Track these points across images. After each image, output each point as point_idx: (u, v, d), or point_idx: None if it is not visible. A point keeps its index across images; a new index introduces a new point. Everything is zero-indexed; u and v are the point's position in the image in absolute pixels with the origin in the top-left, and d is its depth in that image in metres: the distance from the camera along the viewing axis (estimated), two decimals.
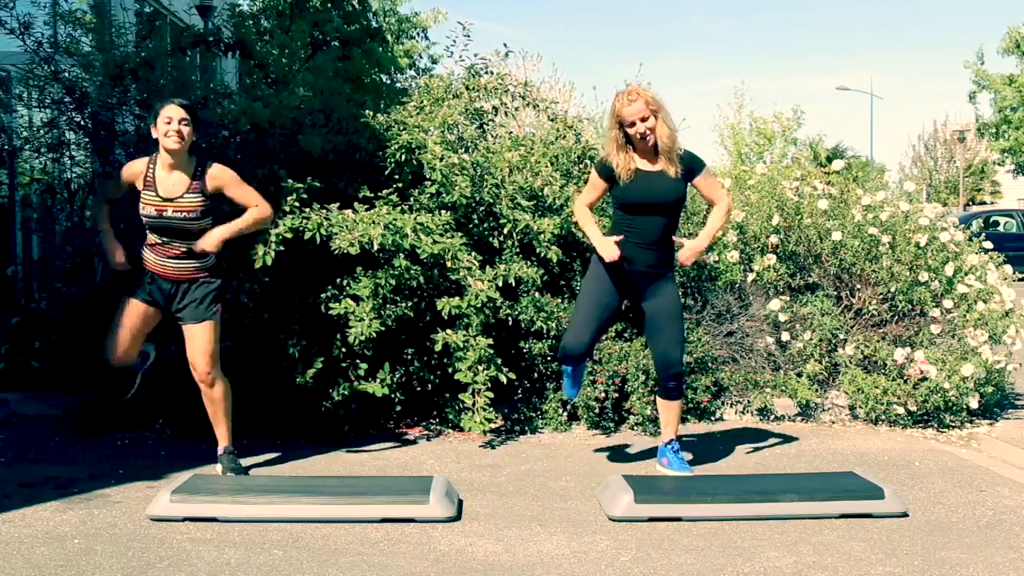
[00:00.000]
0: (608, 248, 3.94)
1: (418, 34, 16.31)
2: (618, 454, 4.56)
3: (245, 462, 4.27)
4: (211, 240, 3.91)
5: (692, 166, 3.98)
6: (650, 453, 4.56)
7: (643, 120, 3.85)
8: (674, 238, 4.07)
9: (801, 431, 5.06)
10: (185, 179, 3.89)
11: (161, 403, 4.92)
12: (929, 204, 5.90)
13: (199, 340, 3.98)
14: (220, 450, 4.09)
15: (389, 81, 13.73)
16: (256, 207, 4.03)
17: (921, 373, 5.08)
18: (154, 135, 3.86)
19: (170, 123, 3.80)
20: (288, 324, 4.79)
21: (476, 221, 5.12)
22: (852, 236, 5.63)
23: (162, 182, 3.88)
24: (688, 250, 4.04)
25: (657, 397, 4.22)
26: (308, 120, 5.21)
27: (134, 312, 3.99)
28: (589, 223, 4.11)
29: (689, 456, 4.30)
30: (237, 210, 4.08)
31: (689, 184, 4.03)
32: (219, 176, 3.95)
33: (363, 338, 4.48)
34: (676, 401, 4.14)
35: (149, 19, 11.13)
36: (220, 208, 4.14)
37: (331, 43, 11.73)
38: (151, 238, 3.96)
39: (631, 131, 3.88)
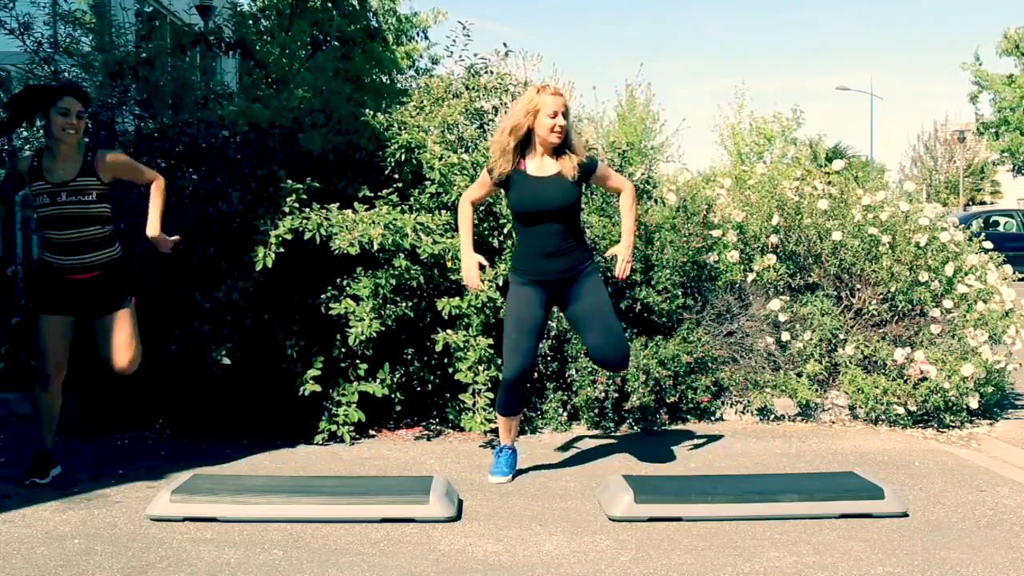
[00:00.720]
0: (469, 277, 3.91)
1: (418, 34, 16.30)
2: (618, 454, 4.56)
3: (245, 462, 4.28)
4: (154, 233, 3.87)
5: (588, 166, 3.86)
6: (650, 453, 4.56)
7: (563, 115, 3.77)
8: (606, 254, 4.00)
9: (801, 431, 5.06)
10: (75, 165, 3.78)
11: (161, 403, 4.92)
12: (929, 204, 5.90)
13: (121, 329, 3.85)
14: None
15: (389, 81, 13.72)
16: (155, 180, 3.97)
17: (921, 373, 5.08)
18: (53, 126, 3.74)
19: (67, 115, 3.72)
20: (288, 324, 4.80)
21: (476, 221, 5.12)
22: (852, 236, 5.63)
23: (50, 171, 3.76)
24: (622, 264, 3.93)
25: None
26: (308, 120, 5.21)
27: (56, 330, 3.84)
28: (465, 230, 3.98)
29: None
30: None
31: (587, 185, 3.96)
32: (113, 157, 3.85)
33: (363, 338, 4.48)
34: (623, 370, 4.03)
35: (149, 19, 11.13)
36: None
37: (331, 43, 11.72)
38: (51, 240, 3.80)
39: (548, 121, 3.74)
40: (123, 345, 3.89)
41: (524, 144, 3.86)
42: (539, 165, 3.85)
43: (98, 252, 3.85)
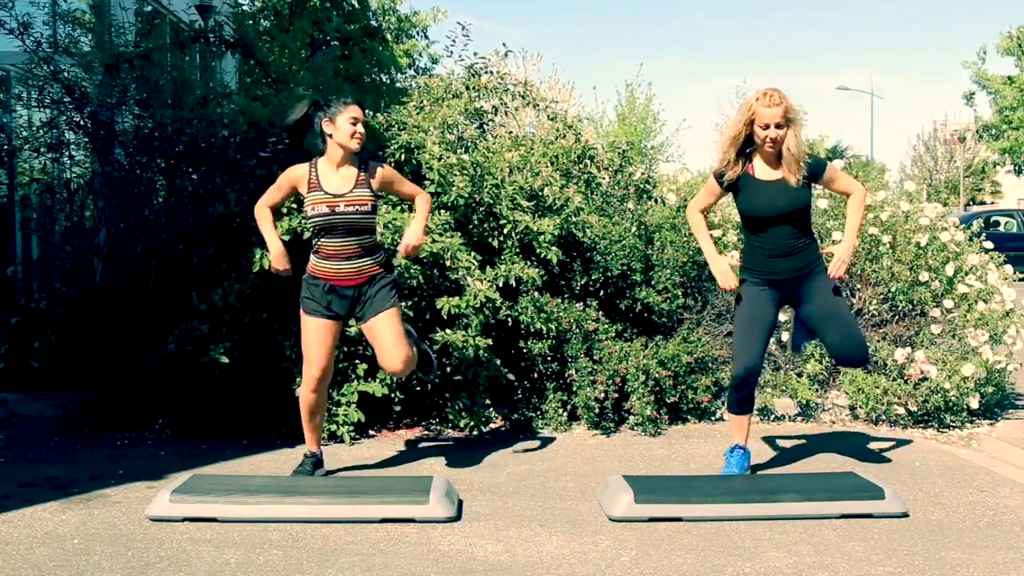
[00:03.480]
0: (724, 278, 3.91)
1: (418, 33, 16.29)
2: (618, 454, 4.56)
3: (244, 462, 4.27)
4: (414, 235, 3.88)
5: (814, 169, 3.89)
6: (650, 453, 4.56)
7: (776, 127, 3.77)
8: (822, 249, 3.95)
9: (801, 431, 5.06)
10: (351, 176, 3.85)
11: (161, 403, 4.92)
12: (929, 204, 5.89)
13: (387, 329, 3.85)
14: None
15: (389, 81, 13.72)
16: (421, 193, 4.04)
17: (921, 373, 5.07)
18: (327, 131, 3.83)
19: (355, 123, 3.80)
20: (287, 324, 4.79)
21: (476, 221, 5.12)
22: None
23: (328, 180, 3.83)
24: (837, 263, 3.90)
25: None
26: None
27: (321, 331, 3.86)
28: (704, 236, 4.05)
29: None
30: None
31: (817, 185, 3.98)
32: (384, 171, 3.93)
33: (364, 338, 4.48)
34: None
35: (149, 18, 11.12)
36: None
37: (331, 43, 11.72)
38: (320, 245, 3.85)
39: (760, 132, 3.79)
40: (393, 345, 3.86)
41: (751, 147, 3.88)
42: (765, 169, 3.89)
43: (367, 258, 3.88)
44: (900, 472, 4.22)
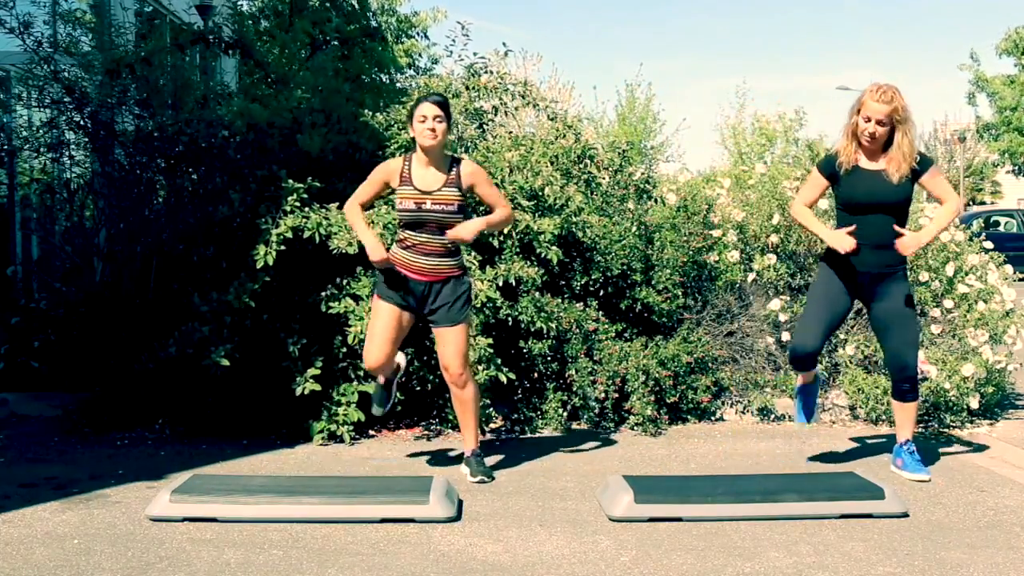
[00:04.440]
0: (841, 240, 3.87)
1: (417, 34, 16.30)
2: (618, 454, 4.56)
3: (245, 462, 4.27)
4: (468, 228, 3.88)
5: (921, 166, 3.91)
6: (650, 453, 4.56)
7: (879, 123, 3.80)
8: (895, 227, 3.96)
9: (801, 431, 5.06)
10: (441, 174, 3.89)
11: (161, 403, 4.92)
12: (930, 204, 5.89)
13: (454, 343, 3.95)
14: (468, 452, 4.09)
15: (389, 81, 13.73)
16: (504, 207, 4.04)
17: (921, 373, 5.07)
18: (411, 133, 3.91)
19: (424, 121, 3.82)
20: (288, 324, 4.79)
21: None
22: None
23: (419, 177, 3.87)
24: (910, 241, 3.89)
25: (891, 398, 4.16)
26: (307, 120, 5.21)
27: (389, 316, 3.92)
28: (812, 221, 4.07)
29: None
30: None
31: (917, 184, 3.99)
32: (474, 173, 3.95)
33: (363, 337, 4.48)
34: (910, 403, 4.08)
35: (149, 18, 11.13)
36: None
37: (331, 43, 11.72)
38: (405, 236, 3.92)
39: (862, 125, 3.83)
40: (454, 355, 3.96)
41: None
42: (868, 160, 3.93)
43: (447, 259, 3.94)
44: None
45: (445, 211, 3.86)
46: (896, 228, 3.89)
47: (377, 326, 3.95)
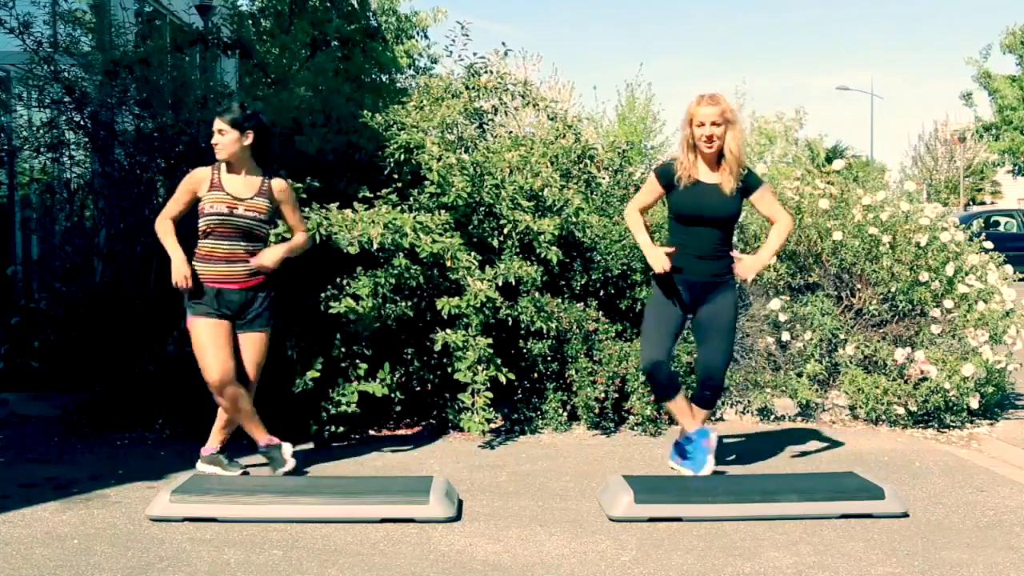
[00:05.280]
0: (657, 260, 3.93)
1: (417, 34, 16.31)
2: (618, 454, 4.56)
3: (245, 462, 4.27)
4: (270, 256, 3.97)
5: (748, 184, 3.97)
6: (650, 453, 4.56)
7: (714, 124, 3.85)
8: (733, 253, 4.04)
9: (801, 431, 5.06)
10: (253, 183, 3.98)
11: (161, 403, 4.92)
12: (929, 204, 5.89)
13: (254, 350, 4.03)
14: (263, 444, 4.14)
15: (389, 81, 13.73)
16: (302, 232, 4.17)
17: (921, 373, 5.07)
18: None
19: (212, 136, 3.95)
20: (288, 324, 4.79)
21: (476, 221, 5.12)
22: (852, 236, 5.62)
23: (229, 183, 3.95)
24: (747, 266, 3.97)
25: (692, 402, 4.16)
26: (308, 120, 5.20)
27: (213, 328, 3.93)
28: (640, 230, 4.10)
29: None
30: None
31: (745, 200, 4.03)
32: (285, 191, 4.06)
33: (367, 322, 4.51)
34: (705, 410, 4.14)
35: (149, 19, 11.12)
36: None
37: (331, 43, 11.72)
38: (214, 247, 3.94)
39: (697, 131, 3.87)
40: (251, 365, 4.06)
41: (695, 149, 3.96)
42: (705, 172, 3.97)
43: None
44: (900, 472, 4.22)
45: (256, 219, 3.95)
46: (733, 253, 3.98)
47: (204, 339, 3.90)
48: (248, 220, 3.94)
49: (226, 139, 3.93)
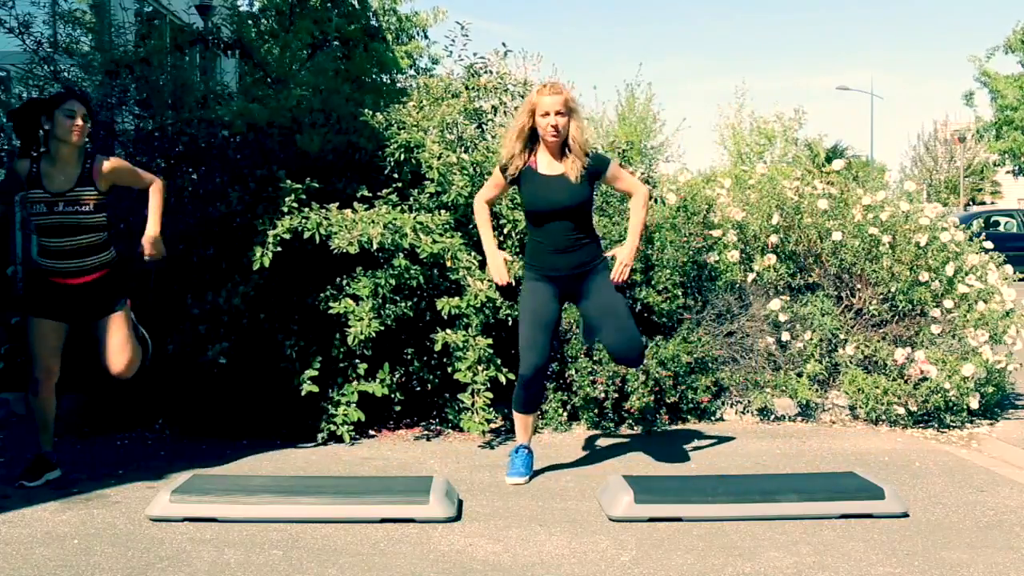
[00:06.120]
0: (496, 271, 3.90)
1: (418, 34, 16.30)
2: (618, 454, 4.56)
3: (245, 462, 4.28)
4: (149, 242, 3.85)
5: (596, 166, 3.88)
6: (650, 453, 4.56)
7: (558, 114, 3.78)
8: (606, 252, 4.00)
9: (801, 431, 5.06)
10: (75, 173, 3.80)
11: (161, 403, 4.92)
12: (929, 204, 5.89)
13: (116, 332, 3.87)
14: None
15: (390, 81, 13.73)
16: (153, 183, 3.95)
17: (921, 373, 5.07)
18: (45, 126, 3.76)
19: (72, 117, 3.74)
20: (287, 324, 4.79)
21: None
22: (852, 236, 5.62)
23: (50, 178, 3.78)
24: (620, 267, 3.91)
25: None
26: (307, 120, 5.20)
27: (48, 330, 3.85)
28: (485, 227, 4.00)
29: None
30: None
31: (599, 184, 3.98)
32: (109, 167, 3.84)
33: (362, 338, 4.48)
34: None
35: (149, 19, 11.13)
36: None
37: (331, 43, 11.71)
38: (46, 247, 3.82)
39: (542, 121, 3.80)
40: (118, 348, 3.89)
41: (536, 142, 3.90)
42: (549, 163, 3.89)
43: (92, 257, 3.85)
44: (900, 472, 4.22)
45: (79, 211, 3.77)
46: (579, 234, 3.85)
47: (39, 349, 3.85)
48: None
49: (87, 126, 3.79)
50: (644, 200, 3.99)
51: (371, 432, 4.89)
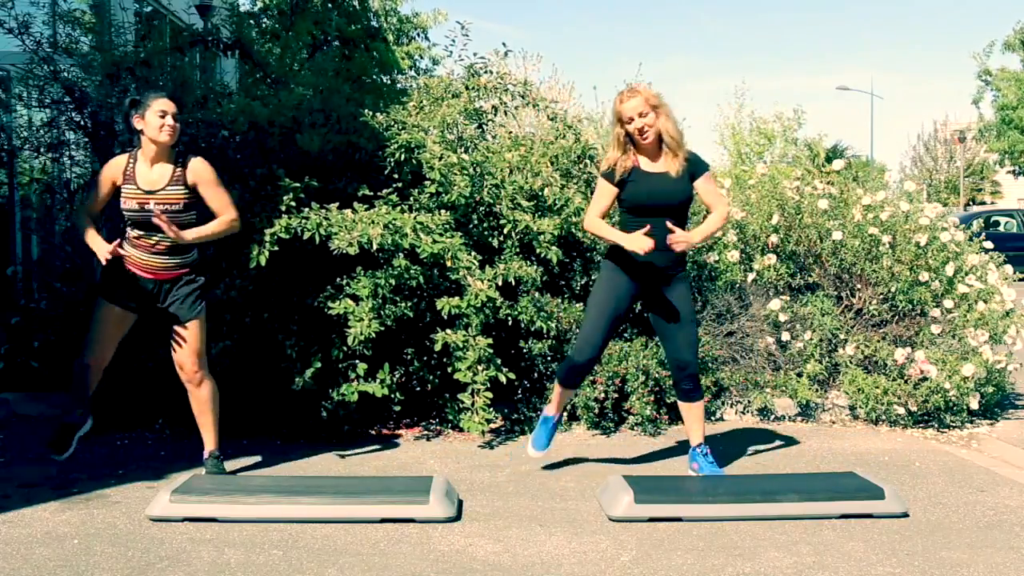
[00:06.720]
0: (639, 241, 3.83)
1: (418, 35, 16.32)
2: (618, 454, 4.56)
3: (245, 462, 4.27)
4: (183, 232, 3.86)
5: (695, 168, 3.96)
6: (650, 453, 4.56)
7: (641, 116, 3.86)
8: (669, 225, 3.96)
9: (801, 431, 5.06)
10: (167, 171, 3.86)
11: (161, 403, 4.92)
12: (929, 204, 5.89)
13: (187, 340, 3.96)
14: (206, 454, 4.05)
15: (390, 82, 13.73)
16: (226, 213, 3.98)
17: (921, 373, 5.07)
18: (138, 127, 3.83)
19: (164, 116, 3.80)
20: (287, 324, 4.79)
21: (476, 221, 5.12)
22: (852, 236, 5.62)
23: (143, 175, 3.85)
24: (680, 236, 3.89)
25: (678, 401, 4.14)
26: (307, 119, 5.20)
27: (111, 317, 3.91)
28: (606, 229, 4.02)
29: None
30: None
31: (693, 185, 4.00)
32: (198, 170, 3.90)
33: (362, 338, 4.48)
34: (696, 402, 4.07)
35: (148, 19, 11.13)
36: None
37: (332, 43, 11.73)
38: (133, 234, 3.89)
39: (629, 127, 3.89)
40: (191, 352, 3.99)
41: (634, 144, 3.97)
42: (649, 163, 3.97)
43: (177, 256, 3.93)
44: (900, 472, 4.22)
45: (168, 211, 3.82)
46: (670, 226, 3.86)
47: (101, 324, 3.90)
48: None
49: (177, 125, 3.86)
50: (723, 217, 4.02)
51: (371, 432, 4.89)
